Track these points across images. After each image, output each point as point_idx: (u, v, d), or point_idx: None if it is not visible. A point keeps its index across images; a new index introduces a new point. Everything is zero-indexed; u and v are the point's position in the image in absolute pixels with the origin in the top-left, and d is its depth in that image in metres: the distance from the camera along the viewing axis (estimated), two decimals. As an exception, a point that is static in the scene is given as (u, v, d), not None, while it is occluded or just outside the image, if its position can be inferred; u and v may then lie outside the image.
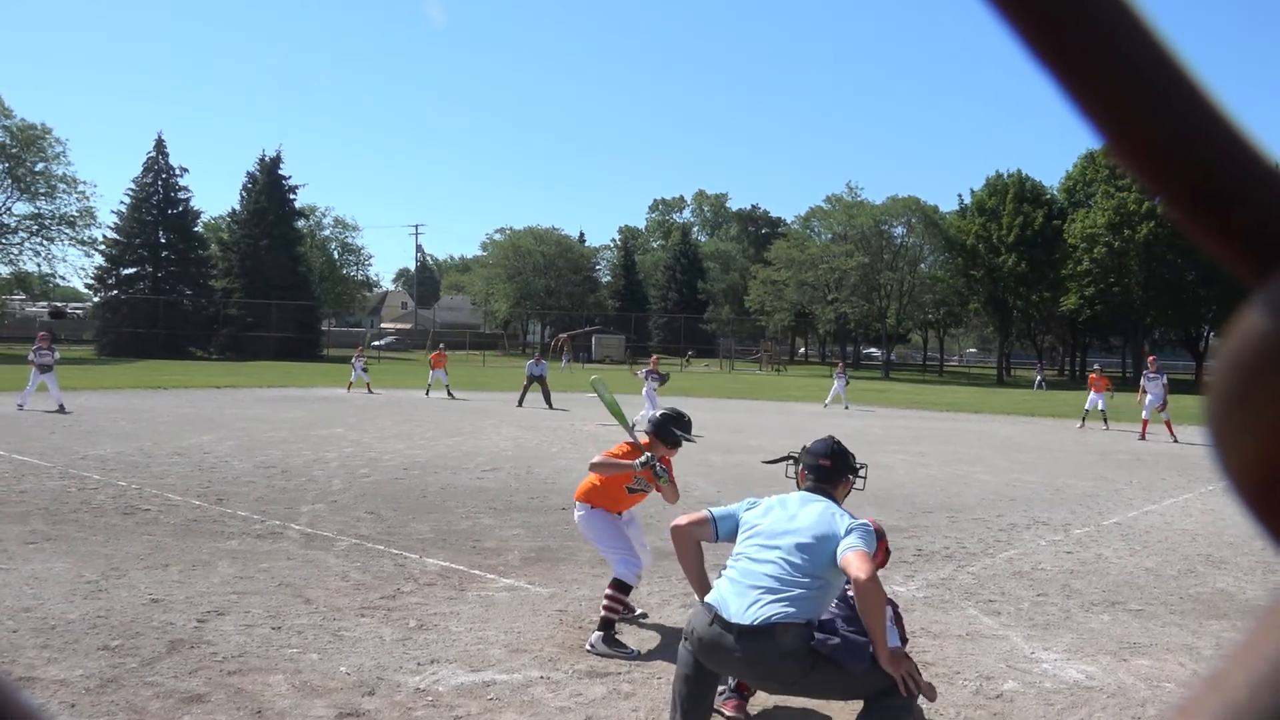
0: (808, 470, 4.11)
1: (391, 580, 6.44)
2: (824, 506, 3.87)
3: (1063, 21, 0.31)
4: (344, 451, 13.27)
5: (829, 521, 3.76)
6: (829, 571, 3.68)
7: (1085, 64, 0.31)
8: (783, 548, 3.72)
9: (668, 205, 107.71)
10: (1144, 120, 0.31)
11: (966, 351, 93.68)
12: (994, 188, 59.32)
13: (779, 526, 3.81)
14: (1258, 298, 0.30)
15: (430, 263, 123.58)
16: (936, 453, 15.70)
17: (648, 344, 70.73)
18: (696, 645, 3.69)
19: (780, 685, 3.73)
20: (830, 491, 4.02)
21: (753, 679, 3.83)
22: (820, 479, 4.06)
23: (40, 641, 4.98)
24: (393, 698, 4.42)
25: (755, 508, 4.02)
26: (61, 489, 9.58)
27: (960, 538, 8.65)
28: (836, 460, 4.12)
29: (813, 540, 3.70)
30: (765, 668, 3.56)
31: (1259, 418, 0.30)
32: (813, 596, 3.63)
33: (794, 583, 3.62)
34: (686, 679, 3.78)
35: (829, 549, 3.68)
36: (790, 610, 3.56)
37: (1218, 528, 9.54)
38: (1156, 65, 0.31)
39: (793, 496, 4.01)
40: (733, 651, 3.56)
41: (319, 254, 69.12)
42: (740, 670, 3.71)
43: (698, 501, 9.99)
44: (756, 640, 3.53)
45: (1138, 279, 53.41)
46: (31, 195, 51.63)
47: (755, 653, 3.53)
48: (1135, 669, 5.19)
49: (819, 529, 3.74)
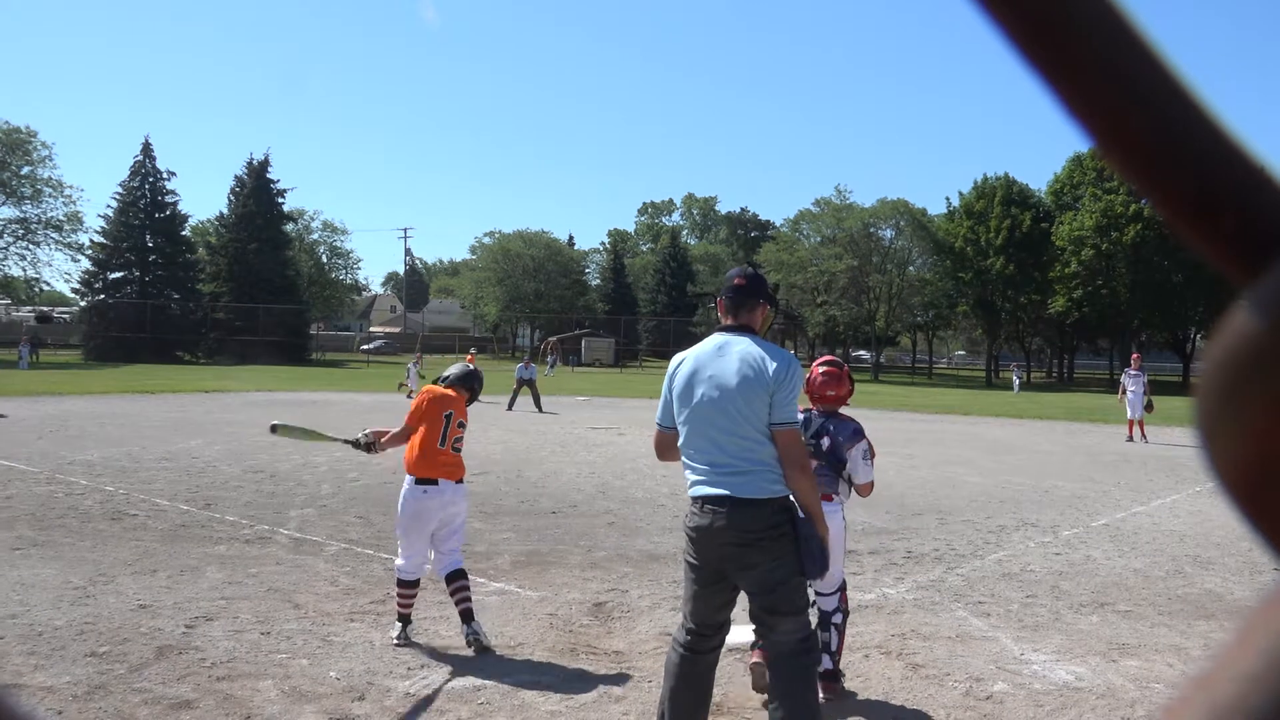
0: (723, 298, 3.73)
1: (381, 585, 6.42)
2: (740, 356, 3.54)
3: (1051, 23, 0.31)
4: (333, 456, 13.22)
5: (755, 372, 3.49)
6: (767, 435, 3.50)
7: (1074, 66, 0.32)
8: (720, 421, 3.49)
9: (657, 208, 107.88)
10: (1133, 122, 0.31)
11: (955, 354, 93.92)
12: (982, 190, 59.52)
13: (706, 393, 3.54)
14: (1246, 298, 0.30)
15: (419, 266, 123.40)
16: (925, 455, 15.73)
17: (637, 347, 70.78)
18: (691, 537, 3.56)
19: (744, 560, 3.50)
20: (748, 319, 3.69)
21: (735, 552, 3.52)
22: (735, 302, 3.69)
23: (27, 648, 4.95)
24: (383, 702, 4.41)
25: (676, 376, 3.69)
26: (48, 494, 9.52)
27: (950, 540, 8.67)
28: (751, 281, 3.75)
29: (748, 394, 3.46)
30: (747, 536, 3.44)
31: (1248, 418, 0.30)
32: (766, 464, 3.49)
33: (745, 457, 3.47)
34: (674, 691, 3.62)
35: (763, 405, 3.46)
36: (760, 485, 3.45)
37: (1205, 529, 9.59)
38: (1145, 67, 0.32)
39: (705, 350, 3.66)
40: (725, 529, 3.44)
41: (308, 258, 68.92)
42: (732, 549, 3.49)
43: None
44: (739, 509, 3.44)
45: (1125, 281, 53.65)
46: (17, 199, 51.32)
47: (740, 520, 3.43)
48: (1124, 670, 5.21)
49: (748, 384, 3.48)
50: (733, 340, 3.62)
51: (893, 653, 5.36)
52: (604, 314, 76.85)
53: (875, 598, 6.49)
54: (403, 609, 5.38)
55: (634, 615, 5.96)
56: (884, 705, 4.62)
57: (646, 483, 11.65)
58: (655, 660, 5.12)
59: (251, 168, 59.02)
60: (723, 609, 3.65)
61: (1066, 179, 59.12)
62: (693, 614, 3.64)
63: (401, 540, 5.46)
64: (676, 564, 7.40)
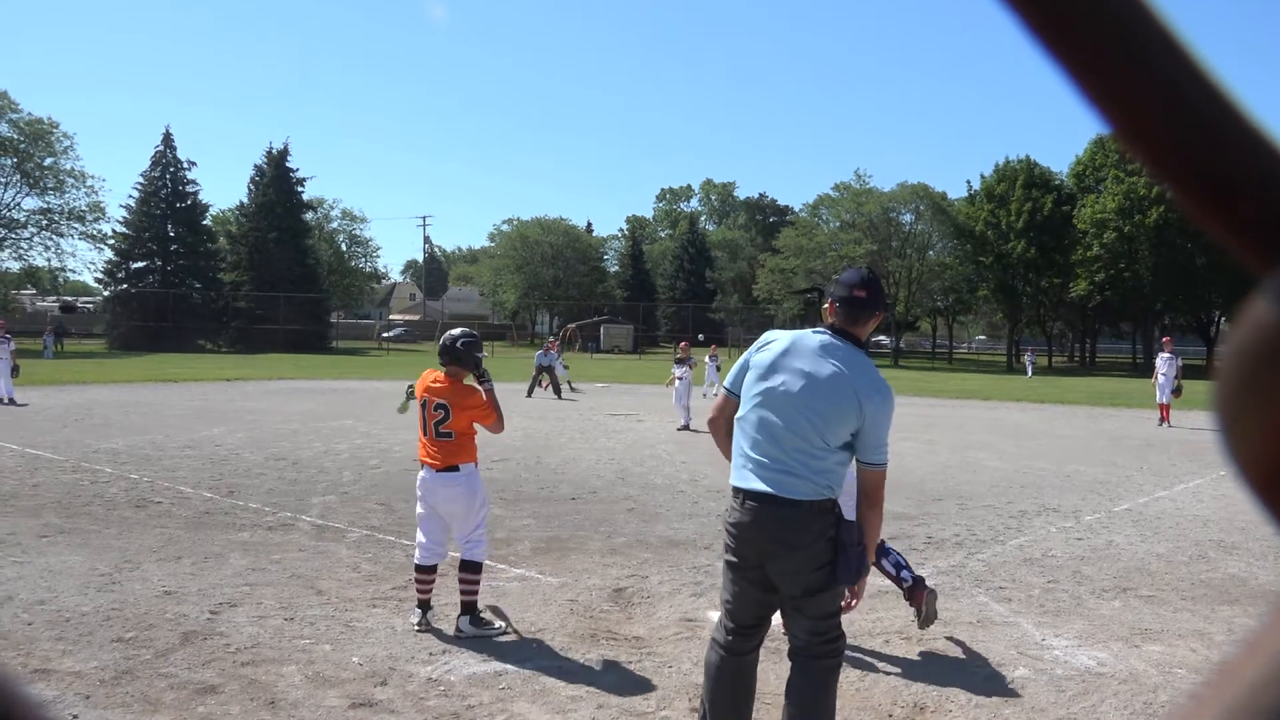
0: (838, 304, 3.49)
1: (403, 571, 6.46)
2: (837, 370, 3.35)
3: (1069, 9, 0.31)
4: (354, 443, 13.32)
5: (847, 396, 3.32)
6: (842, 456, 3.39)
7: (1092, 52, 0.31)
8: (790, 417, 3.33)
9: (675, 194, 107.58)
10: (1151, 107, 0.31)
11: (976, 339, 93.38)
12: (1003, 174, 59.06)
13: (788, 384, 3.37)
14: (1266, 286, 0.30)
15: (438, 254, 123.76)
16: (946, 440, 15.67)
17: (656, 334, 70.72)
18: (732, 533, 3.43)
19: (787, 560, 3.39)
20: (860, 331, 3.49)
21: (775, 550, 3.40)
22: (852, 315, 3.47)
23: (55, 634, 5.02)
24: (405, 687, 4.45)
25: (764, 349, 3.50)
26: (74, 482, 9.64)
27: (970, 525, 8.64)
28: (872, 291, 3.49)
29: (829, 412, 3.31)
30: (791, 538, 3.34)
31: (1268, 406, 0.29)
32: (830, 473, 3.38)
33: (802, 462, 3.34)
34: (715, 693, 3.53)
35: (844, 430, 3.33)
36: (813, 488, 3.34)
37: (1229, 513, 9.51)
38: (1164, 52, 0.31)
39: (806, 342, 3.44)
40: (768, 527, 3.33)
41: (327, 246, 69.22)
42: (773, 548, 3.38)
43: (687, 484, 10.00)
44: (784, 509, 3.32)
45: (1148, 264, 53.15)
46: (40, 190, 51.74)
47: (785, 521, 3.32)
48: (1147, 655, 5.18)
49: (835, 402, 3.31)
50: (838, 347, 3.40)
51: (913, 638, 5.35)
52: (623, 300, 76.83)
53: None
54: (420, 594, 5.41)
55: (654, 601, 5.98)
56: (905, 690, 4.61)
57: (666, 469, 11.66)
58: (675, 646, 5.14)
59: (271, 157, 59.24)
60: (764, 608, 3.53)
61: (1088, 161, 58.55)
62: (732, 614, 3.51)
63: (418, 525, 5.52)
64: (696, 550, 7.41)
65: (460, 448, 5.35)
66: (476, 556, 5.39)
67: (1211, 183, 0.31)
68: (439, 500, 5.35)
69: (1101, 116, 0.32)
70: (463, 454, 5.35)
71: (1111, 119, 0.32)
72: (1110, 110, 0.32)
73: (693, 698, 4.36)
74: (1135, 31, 0.31)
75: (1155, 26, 0.31)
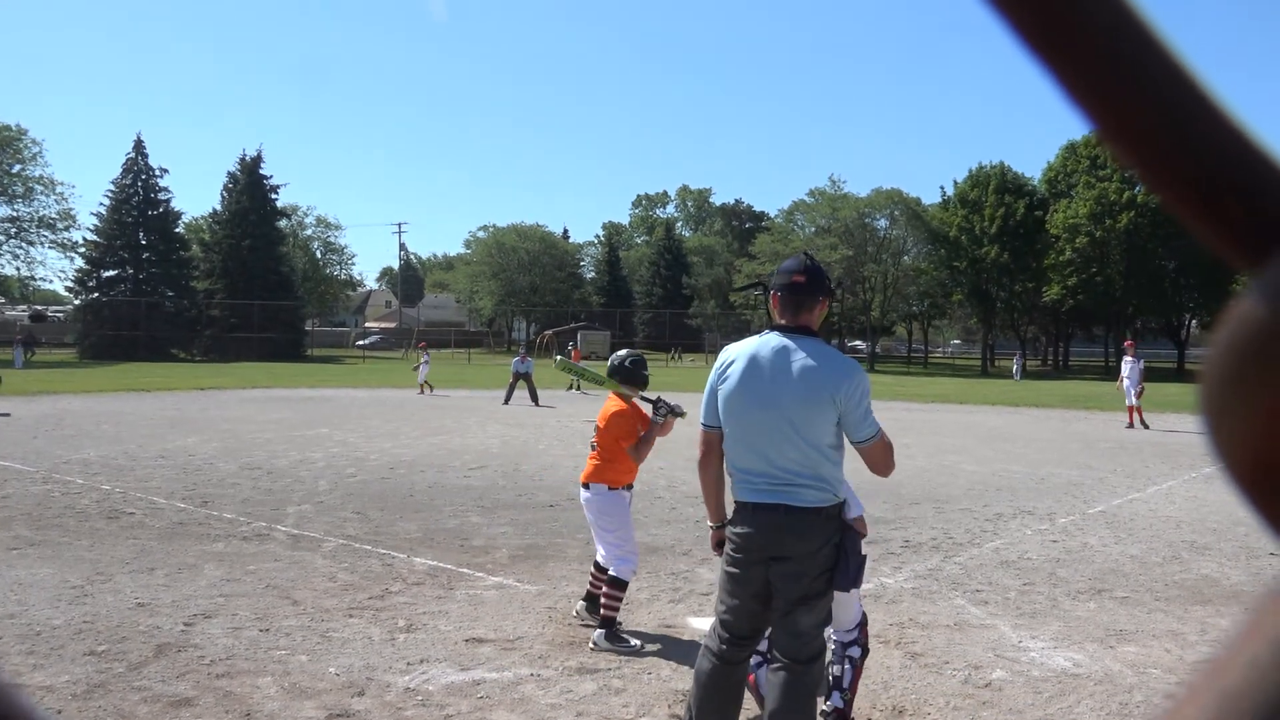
0: (780, 293, 3.47)
1: (379, 580, 6.42)
2: (801, 369, 3.33)
3: (1053, 8, 0.31)
4: (330, 452, 13.22)
5: (817, 392, 3.31)
6: (835, 454, 3.40)
7: (1076, 52, 0.31)
8: (775, 432, 3.33)
9: (651, 201, 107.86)
10: (1136, 107, 0.31)
11: (951, 343, 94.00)
12: (976, 179, 59.54)
13: (761, 401, 3.36)
14: (1253, 285, 0.30)
15: (414, 261, 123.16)
16: (922, 444, 15.76)
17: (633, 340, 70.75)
18: (737, 543, 3.42)
19: (793, 564, 3.38)
20: (807, 319, 3.47)
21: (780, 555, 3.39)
22: (794, 302, 3.45)
23: (25, 648, 4.94)
24: (383, 698, 4.41)
25: (725, 374, 3.47)
26: (45, 494, 9.51)
27: (947, 528, 8.69)
28: (811, 276, 3.47)
29: (807, 414, 3.30)
30: (798, 542, 3.35)
31: (1254, 404, 0.30)
32: (831, 474, 3.39)
33: (797, 471, 3.35)
34: (704, 699, 3.53)
35: (826, 425, 3.34)
36: (817, 495, 3.35)
37: (1201, 514, 9.62)
38: (1147, 50, 0.31)
39: (762, 352, 3.41)
40: (773, 536, 3.34)
41: (302, 254, 68.82)
42: (777, 556, 3.37)
43: (683, 497, 10.01)
44: (791, 518, 3.34)
45: (1119, 268, 53.80)
46: (8, 198, 51.19)
47: (791, 530, 3.33)
48: (1122, 656, 5.23)
49: (809, 403, 3.31)
50: (791, 345, 3.38)
51: (891, 641, 5.37)
52: (599, 307, 76.82)
53: (873, 587, 6.50)
54: (590, 588, 5.70)
55: (632, 608, 5.97)
56: (883, 694, 4.63)
57: (643, 475, 11.61)
58: (655, 653, 5.13)
59: (244, 164, 58.77)
60: (760, 620, 3.53)
61: (1060, 167, 59.19)
62: (728, 624, 3.51)
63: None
64: (674, 556, 7.41)
65: (599, 468, 5.50)
66: (620, 574, 5.44)
67: (1197, 182, 0.31)
68: (588, 510, 5.62)
69: (1084, 116, 0.32)
70: (599, 474, 5.50)
71: (1097, 120, 0.32)
72: (1096, 112, 0.32)
73: (673, 704, 4.36)
74: (1118, 29, 0.31)
75: (1139, 28, 0.31)
